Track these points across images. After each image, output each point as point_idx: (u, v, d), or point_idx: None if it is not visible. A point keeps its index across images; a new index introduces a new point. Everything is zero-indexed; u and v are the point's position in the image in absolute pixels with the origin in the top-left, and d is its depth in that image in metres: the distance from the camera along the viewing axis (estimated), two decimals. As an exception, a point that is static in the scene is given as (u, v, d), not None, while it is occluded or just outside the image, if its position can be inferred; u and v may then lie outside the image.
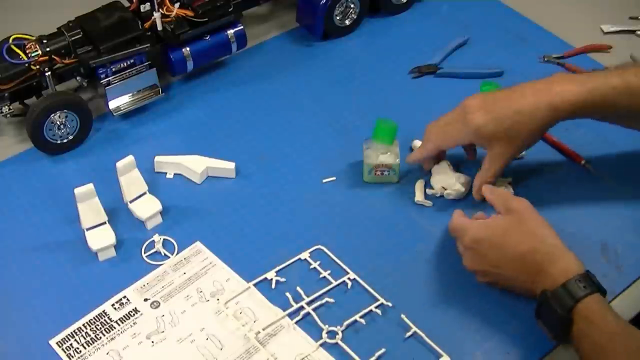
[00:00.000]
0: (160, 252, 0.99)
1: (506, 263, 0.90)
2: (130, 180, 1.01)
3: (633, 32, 1.31)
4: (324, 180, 1.08)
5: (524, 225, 0.90)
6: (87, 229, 0.98)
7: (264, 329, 0.91)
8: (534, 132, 0.97)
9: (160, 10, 1.12)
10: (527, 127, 0.96)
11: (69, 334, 0.91)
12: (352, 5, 1.28)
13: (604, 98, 0.94)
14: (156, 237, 1.00)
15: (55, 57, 1.08)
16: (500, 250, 0.90)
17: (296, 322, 0.92)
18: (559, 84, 0.96)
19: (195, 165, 1.07)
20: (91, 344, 0.90)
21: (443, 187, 1.04)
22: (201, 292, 0.95)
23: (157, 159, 1.08)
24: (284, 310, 0.93)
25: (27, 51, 1.07)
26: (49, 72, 1.07)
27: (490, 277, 0.93)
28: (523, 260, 0.89)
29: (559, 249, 0.88)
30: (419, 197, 1.05)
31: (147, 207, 1.02)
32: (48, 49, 1.08)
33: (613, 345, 0.82)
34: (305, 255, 0.99)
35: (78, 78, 1.12)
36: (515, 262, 0.89)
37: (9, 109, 1.09)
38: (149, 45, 1.12)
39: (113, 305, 0.94)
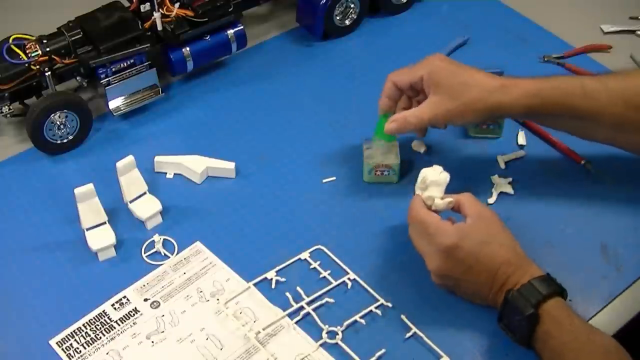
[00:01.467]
0: (160, 252, 0.99)
1: (479, 272, 0.89)
2: (130, 180, 1.01)
3: (633, 32, 1.31)
4: (324, 180, 1.08)
5: (499, 235, 0.91)
6: (87, 229, 0.98)
7: (264, 329, 0.91)
8: (476, 102, 0.97)
9: (160, 10, 1.12)
10: (473, 94, 0.97)
11: (69, 334, 0.91)
12: (352, 5, 1.28)
13: (554, 93, 0.97)
14: (156, 237, 1.00)
15: (55, 57, 1.08)
16: (476, 258, 0.89)
17: (296, 322, 0.92)
18: (517, 79, 0.99)
19: (195, 165, 1.07)
20: (91, 344, 0.90)
21: (432, 197, 0.95)
22: (201, 292, 0.95)
23: (157, 159, 1.08)
24: (284, 310, 0.93)
25: (27, 51, 1.07)
26: (49, 72, 1.07)
27: (452, 282, 0.92)
28: (496, 271, 0.89)
29: (526, 260, 0.90)
30: (419, 197, 1.05)
31: (147, 207, 1.02)
32: (48, 49, 1.08)
33: (578, 345, 0.83)
34: (305, 255, 0.99)
35: (78, 78, 1.12)
36: (489, 272, 0.89)
37: (9, 109, 1.09)
38: (149, 45, 1.12)
39: (113, 305, 0.94)
